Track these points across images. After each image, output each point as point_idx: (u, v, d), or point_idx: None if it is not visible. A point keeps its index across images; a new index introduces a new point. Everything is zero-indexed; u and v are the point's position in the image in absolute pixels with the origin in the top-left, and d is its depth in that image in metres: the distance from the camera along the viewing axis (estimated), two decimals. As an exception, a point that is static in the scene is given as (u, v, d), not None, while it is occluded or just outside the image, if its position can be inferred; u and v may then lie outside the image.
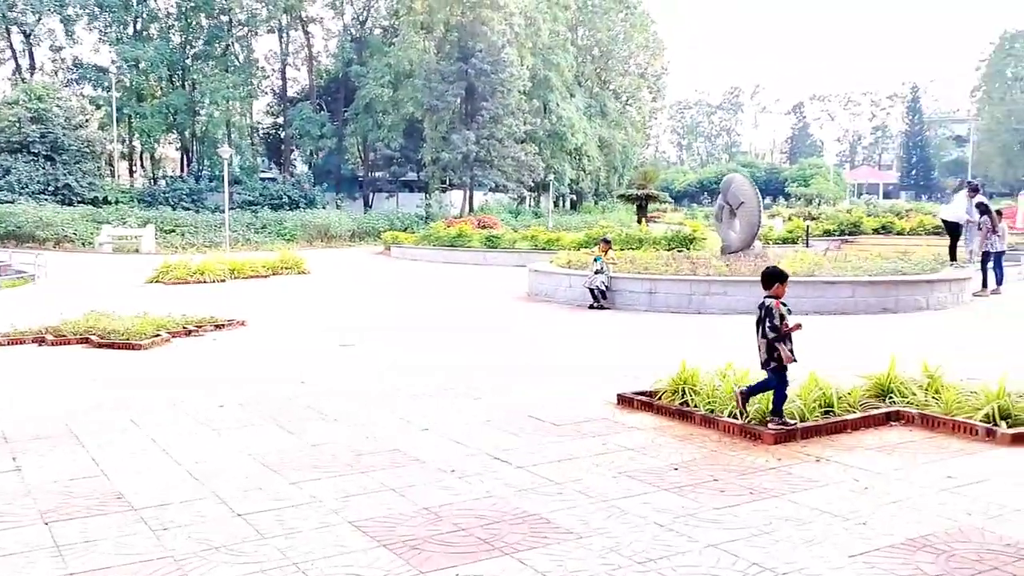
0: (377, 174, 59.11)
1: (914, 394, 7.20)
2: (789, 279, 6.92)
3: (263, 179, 56.65)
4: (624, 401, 7.68)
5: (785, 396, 6.50)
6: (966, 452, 6.06)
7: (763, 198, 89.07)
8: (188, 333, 12.31)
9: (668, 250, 21.71)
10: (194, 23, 55.69)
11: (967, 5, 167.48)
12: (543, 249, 26.97)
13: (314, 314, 15.38)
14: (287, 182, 53.63)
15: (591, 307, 15.09)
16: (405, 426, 7.01)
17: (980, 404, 6.70)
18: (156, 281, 21.33)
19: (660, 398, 7.55)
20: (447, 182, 53.00)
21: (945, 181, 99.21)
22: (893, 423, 6.88)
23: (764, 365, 6.48)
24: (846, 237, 27.53)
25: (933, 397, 7.12)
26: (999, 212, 18.27)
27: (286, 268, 24.07)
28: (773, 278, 6.61)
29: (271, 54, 61.98)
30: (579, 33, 64.64)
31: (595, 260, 15.31)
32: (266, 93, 63.65)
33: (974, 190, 18.22)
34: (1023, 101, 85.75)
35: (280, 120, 61.60)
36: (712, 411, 6.95)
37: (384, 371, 9.49)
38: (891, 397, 7.28)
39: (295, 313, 15.55)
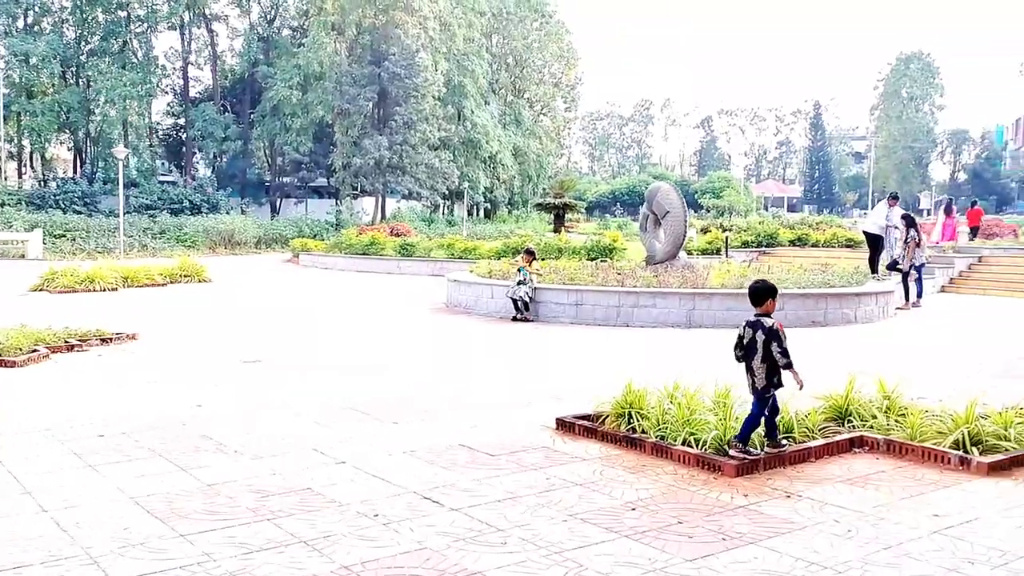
0: (285, 179, 57.31)
1: (874, 417, 6.70)
2: (722, 293, 6.37)
3: (162, 182, 54.17)
4: (564, 426, 6.96)
5: (758, 424, 5.88)
6: (943, 484, 5.53)
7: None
8: (71, 348, 11.05)
9: (591, 260, 21.22)
10: (90, 18, 52.92)
11: (865, 26, 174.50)
12: (460, 258, 26.17)
13: (215, 327, 14.19)
14: (188, 186, 51.39)
15: (514, 319, 14.37)
16: (318, 459, 6.11)
17: (948, 429, 6.22)
18: (41, 289, 19.65)
19: (603, 423, 6.86)
20: (358, 188, 51.67)
21: (845, 196, 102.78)
22: (856, 450, 6.34)
23: (762, 391, 5.80)
24: (764, 248, 27.58)
25: (896, 421, 6.63)
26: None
27: (185, 276, 22.60)
28: (765, 293, 5.94)
29: (172, 52, 59.49)
30: (494, 40, 64.22)
31: (518, 271, 14.61)
32: (166, 92, 61.02)
33: (894, 198, 18.36)
34: (918, 120, 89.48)
35: (181, 121, 59.09)
36: (663, 438, 6.29)
37: (293, 392, 8.53)
38: (850, 420, 6.77)
39: (193, 325, 14.32)
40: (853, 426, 6.68)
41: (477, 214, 62.92)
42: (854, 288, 14.46)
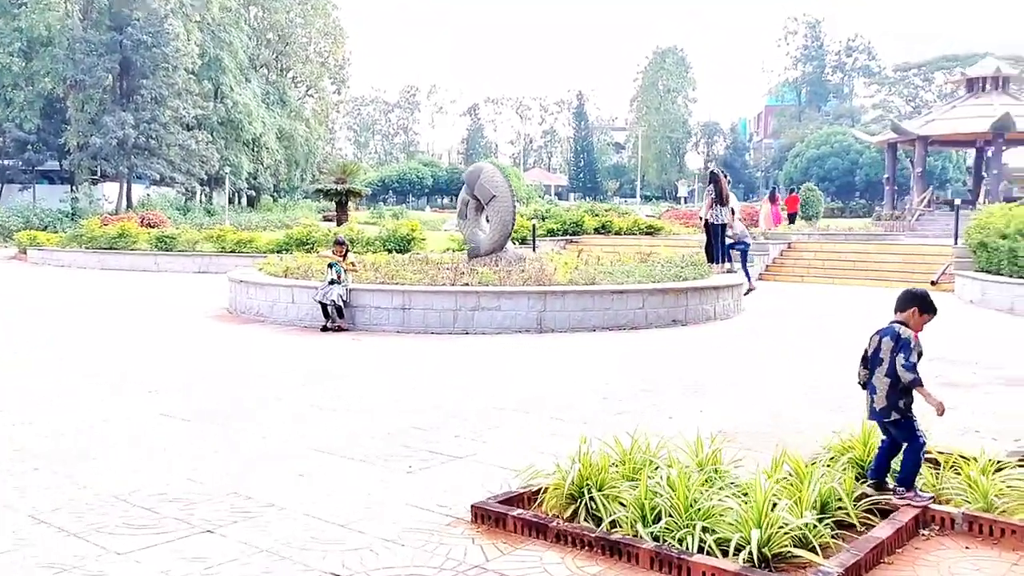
0: (7, 162, 49.20)
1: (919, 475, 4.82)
2: (575, 291, 4.40)
3: None
4: (487, 518, 4.49)
5: (920, 457, 4.57)
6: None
7: (448, 198, 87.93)
8: None
9: (389, 252, 18.67)
10: None
11: (623, 21, 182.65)
12: (233, 251, 22.60)
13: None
14: None
15: (324, 329, 11.56)
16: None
17: (1035, 492, 4.43)
18: None
19: (541, 505, 4.52)
20: (99, 172, 45.28)
21: (607, 184, 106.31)
22: (923, 532, 4.39)
23: (881, 413, 4.59)
24: (570, 237, 26.25)
25: (948, 477, 4.79)
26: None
27: None
28: (915, 301, 4.68)
29: None
30: (252, 13, 59.00)
31: (330, 267, 11.82)
32: None
33: (713, 175, 17.21)
34: (674, 112, 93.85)
35: None
36: (658, 539, 4.02)
37: (21, 474, 5.40)
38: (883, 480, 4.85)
39: None
40: (892, 490, 4.75)
41: (239, 202, 57.72)
42: (711, 281, 13.02)
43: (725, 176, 16.72)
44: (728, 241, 16.30)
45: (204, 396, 7.65)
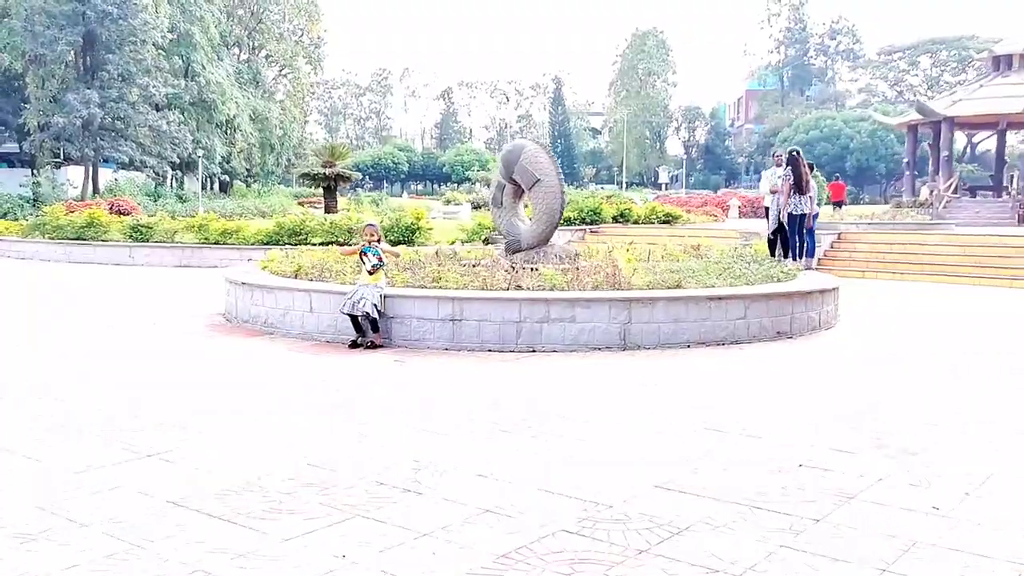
0: (-40, 143, 46.22)
1: None
2: (666, 297, 2.61)
3: None
4: None
5: None
6: None
7: (422, 184, 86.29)
8: None
9: (409, 244, 16.45)
10: None
11: (601, 1, 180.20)
12: (218, 243, 20.23)
13: None
14: None
15: (354, 344, 9.33)
16: None
17: None
18: None
19: None
20: (62, 155, 42.32)
21: (584, 170, 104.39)
22: None
23: None
24: (589, 226, 24.22)
25: None
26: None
27: None
28: None
29: None
30: (223, -13, 55.97)
31: (363, 253, 9.52)
32: None
33: (795, 154, 15.09)
34: (654, 96, 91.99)
35: None
36: None
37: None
38: None
39: None
40: None
41: (212, 187, 54.85)
42: (815, 284, 10.96)
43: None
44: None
45: (223, 468, 5.37)
